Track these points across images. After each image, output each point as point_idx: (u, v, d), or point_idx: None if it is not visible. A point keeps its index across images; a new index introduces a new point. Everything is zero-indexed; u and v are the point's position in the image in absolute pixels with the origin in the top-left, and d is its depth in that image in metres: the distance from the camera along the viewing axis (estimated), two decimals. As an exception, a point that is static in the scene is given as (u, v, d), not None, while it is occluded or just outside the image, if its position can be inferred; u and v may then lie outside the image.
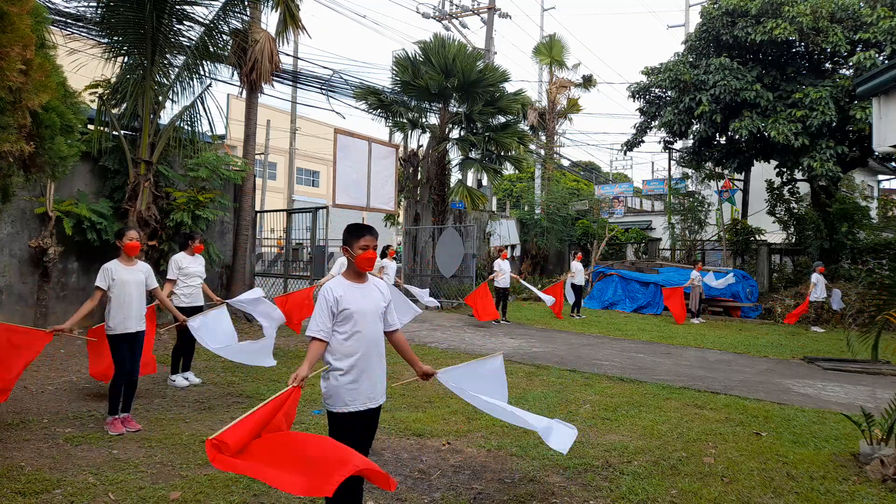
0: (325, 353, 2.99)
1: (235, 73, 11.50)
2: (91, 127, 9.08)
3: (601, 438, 4.90)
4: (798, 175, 16.82)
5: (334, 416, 2.97)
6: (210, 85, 10.02)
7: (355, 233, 3.08)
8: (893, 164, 20.10)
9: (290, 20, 11.49)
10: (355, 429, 3.01)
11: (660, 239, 23.09)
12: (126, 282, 4.81)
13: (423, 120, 16.67)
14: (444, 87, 14.78)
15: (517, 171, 21.57)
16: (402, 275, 13.48)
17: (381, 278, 9.98)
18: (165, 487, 3.63)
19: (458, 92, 15.11)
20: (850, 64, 14.36)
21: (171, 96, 9.71)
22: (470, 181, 18.90)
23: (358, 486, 3.14)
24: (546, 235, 21.47)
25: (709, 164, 19.21)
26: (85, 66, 9.00)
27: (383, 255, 10.81)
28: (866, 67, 13.13)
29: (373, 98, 15.94)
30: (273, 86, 12.39)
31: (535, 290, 13.13)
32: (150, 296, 5.27)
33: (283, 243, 13.72)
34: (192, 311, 6.47)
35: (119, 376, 4.76)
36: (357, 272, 3.11)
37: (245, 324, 10.94)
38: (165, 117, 9.98)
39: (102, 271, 4.78)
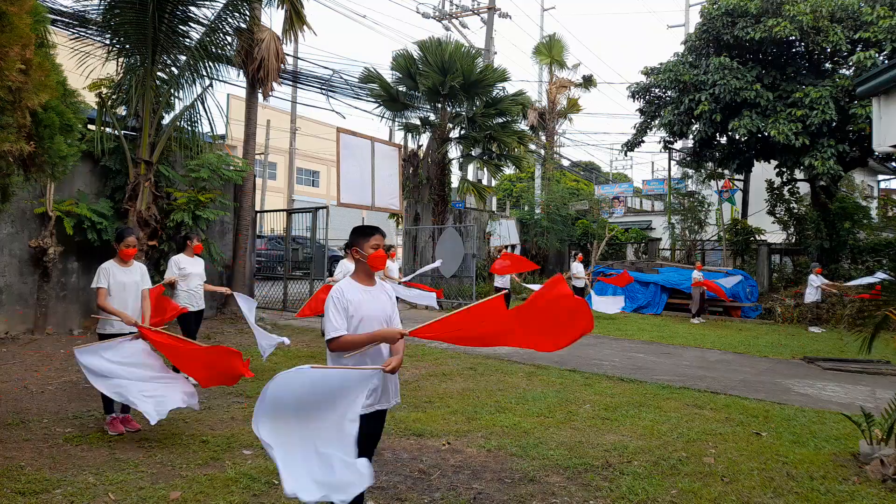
0: (336, 355, 2.95)
1: (241, 72, 11.50)
2: (91, 127, 9.08)
3: (601, 438, 4.90)
4: (798, 175, 16.82)
5: None
6: (211, 85, 10.02)
7: (365, 233, 3.05)
8: (893, 164, 20.10)
9: (296, 18, 11.51)
10: (360, 431, 2.97)
11: (660, 239, 23.09)
12: (123, 283, 4.80)
13: (425, 116, 16.67)
14: (444, 87, 14.78)
15: (517, 171, 21.58)
16: (402, 274, 13.49)
17: (386, 278, 10.02)
18: (165, 487, 3.63)
19: (459, 92, 15.12)
20: (851, 63, 14.37)
21: (172, 96, 9.70)
22: (470, 178, 18.93)
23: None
24: (546, 235, 21.47)
25: (709, 165, 19.23)
26: (86, 65, 9.01)
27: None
28: (866, 67, 13.13)
29: (377, 88, 15.83)
30: (280, 83, 12.38)
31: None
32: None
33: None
34: (193, 314, 6.43)
35: None
36: (367, 273, 3.08)
37: (244, 324, 10.94)
38: (166, 117, 9.98)
39: (100, 271, 4.77)
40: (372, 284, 3.09)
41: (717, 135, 16.95)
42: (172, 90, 9.62)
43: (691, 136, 17.50)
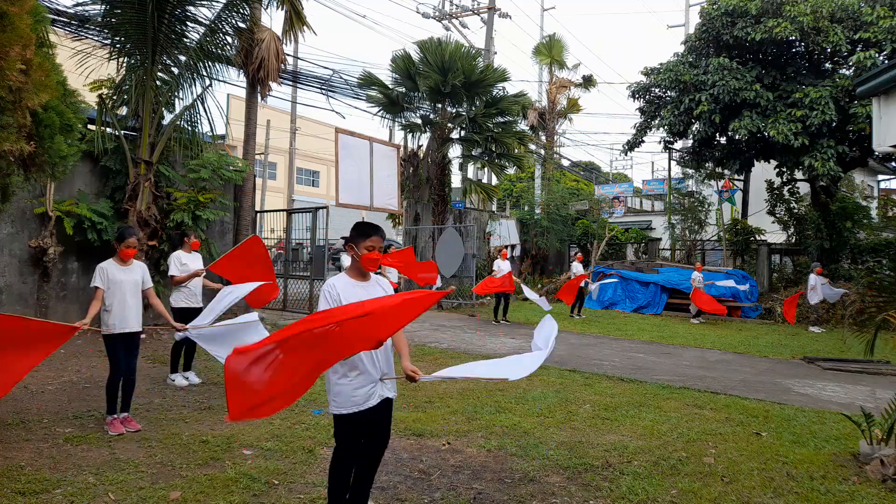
0: None
1: (241, 72, 11.51)
2: (91, 127, 9.08)
3: (601, 438, 4.90)
4: (798, 175, 16.83)
5: (342, 418, 2.94)
6: (210, 85, 10.01)
7: (363, 232, 3.09)
8: (893, 164, 20.10)
9: (296, 19, 11.51)
10: (364, 428, 2.98)
11: (660, 239, 23.09)
12: (121, 282, 4.80)
13: (425, 116, 16.67)
14: (445, 86, 14.78)
15: (518, 170, 21.59)
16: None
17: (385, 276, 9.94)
18: (165, 487, 3.63)
19: (460, 90, 15.12)
20: (850, 63, 14.37)
21: (172, 96, 9.71)
22: (470, 177, 18.95)
23: (365, 488, 3.13)
24: (546, 235, 21.46)
25: (709, 165, 19.25)
26: (86, 65, 9.00)
27: (385, 253, 10.82)
28: (866, 67, 13.13)
29: (376, 90, 15.83)
30: (279, 84, 12.38)
31: (533, 295, 12.58)
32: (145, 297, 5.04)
33: (284, 243, 13.73)
34: (192, 312, 6.40)
35: (115, 376, 4.75)
36: (360, 270, 3.12)
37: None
38: (166, 117, 9.97)
39: (98, 270, 4.78)
40: (366, 280, 3.13)
41: (717, 135, 16.94)
42: (172, 90, 9.61)
43: (691, 136, 17.50)
